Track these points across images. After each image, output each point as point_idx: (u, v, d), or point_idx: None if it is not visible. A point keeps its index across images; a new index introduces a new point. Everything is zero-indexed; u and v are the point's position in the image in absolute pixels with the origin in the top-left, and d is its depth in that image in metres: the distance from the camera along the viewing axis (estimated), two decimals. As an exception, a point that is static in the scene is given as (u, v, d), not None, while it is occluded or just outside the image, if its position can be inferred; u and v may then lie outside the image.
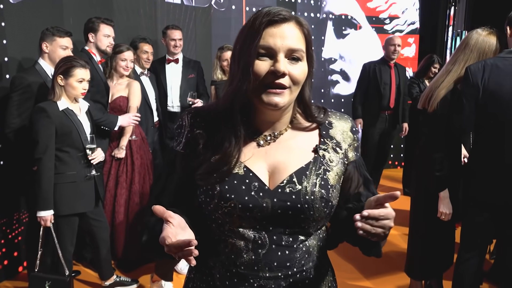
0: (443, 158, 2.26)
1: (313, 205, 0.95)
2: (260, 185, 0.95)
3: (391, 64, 4.44)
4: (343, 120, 1.07)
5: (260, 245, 0.96)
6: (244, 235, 0.96)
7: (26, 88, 2.58)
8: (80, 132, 2.47)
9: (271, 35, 0.91)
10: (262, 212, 0.94)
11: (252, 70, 0.91)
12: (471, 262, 2.29)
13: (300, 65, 0.93)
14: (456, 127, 2.22)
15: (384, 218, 0.84)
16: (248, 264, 0.97)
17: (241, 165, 0.97)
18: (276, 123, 1.01)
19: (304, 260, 1.00)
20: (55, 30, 2.64)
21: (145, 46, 3.48)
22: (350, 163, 1.04)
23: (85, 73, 2.45)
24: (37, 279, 2.40)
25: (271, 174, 0.98)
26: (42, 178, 2.36)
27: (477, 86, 2.10)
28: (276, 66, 0.90)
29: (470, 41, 2.27)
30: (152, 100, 3.55)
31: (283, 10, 0.93)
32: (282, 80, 0.91)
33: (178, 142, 1.02)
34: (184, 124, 1.02)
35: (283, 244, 0.97)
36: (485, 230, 2.23)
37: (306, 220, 0.96)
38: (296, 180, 0.96)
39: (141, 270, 3.17)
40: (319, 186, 0.96)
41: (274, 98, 0.91)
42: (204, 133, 0.99)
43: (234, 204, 0.93)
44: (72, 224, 2.54)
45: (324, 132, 1.03)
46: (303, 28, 0.95)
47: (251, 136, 1.00)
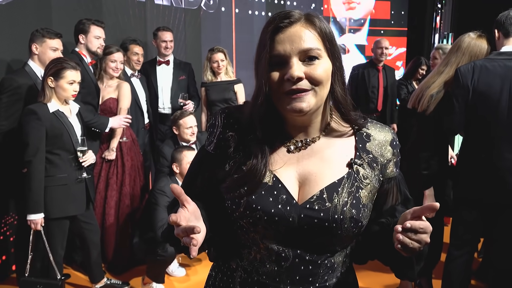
0: (430, 157, 2.31)
1: (342, 224, 0.90)
2: (288, 198, 0.92)
3: (379, 67, 4.50)
4: (383, 133, 0.99)
5: (283, 258, 0.93)
6: (268, 246, 0.94)
7: (15, 90, 2.55)
8: (71, 134, 2.45)
9: (280, 42, 0.88)
10: (288, 226, 0.91)
11: (267, 83, 0.88)
12: (461, 260, 2.33)
13: (320, 63, 0.88)
14: (446, 127, 2.26)
15: (422, 232, 0.80)
16: (270, 274, 0.95)
17: (271, 174, 0.93)
18: (308, 128, 0.96)
19: (328, 276, 0.97)
20: (45, 32, 2.62)
21: (135, 48, 3.47)
22: (389, 180, 0.98)
23: (76, 75, 2.43)
24: (28, 283, 2.36)
25: (301, 185, 0.94)
26: (33, 181, 2.34)
27: (466, 87, 2.14)
28: (289, 72, 0.86)
29: (462, 44, 2.32)
30: (142, 102, 3.53)
31: (291, 12, 0.89)
32: (300, 84, 0.86)
33: (210, 142, 1.00)
34: (217, 124, 0.99)
35: (306, 259, 0.94)
36: (474, 228, 2.27)
37: (332, 238, 0.92)
38: (326, 196, 0.91)
39: (132, 273, 3.16)
40: (350, 205, 0.91)
41: (297, 104, 0.87)
42: (236, 136, 0.96)
43: (259, 215, 0.91)
44: (63, 227, 2.52)
45: (360, 145, 0.96)
46: (314, 26, 0.89)
47: (282, 142, 0.96)
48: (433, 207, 0.79)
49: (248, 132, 0.95)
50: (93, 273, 2.81)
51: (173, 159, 2.85)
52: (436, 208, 0.79)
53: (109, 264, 3.20)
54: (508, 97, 2.06)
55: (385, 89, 4.49)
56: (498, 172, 2.11)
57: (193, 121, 3.17)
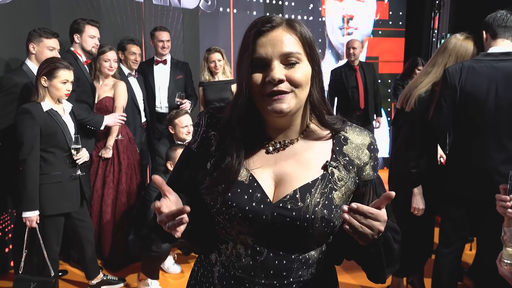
0: (418, 156, 2.34)
1: (313, 224, 0.92)
2: (262, 197, 0.95)
3: (356, 67, 4.63)
4: (362, 136, 1.01)
5: (258, 252, 0.97)
6: (244, 241, 0.97)
7: (12, 88, 2.59)
8: (65, 133, 2.49)
9: (261, 45, 0.90)
10: (262, 224, 0.94)
11: (248, 84, 0.91)
12: (450, 257, 2.36)
13: (299, 67, 0.91)
14: (434, 126, 2.29)
15: (373, 218, 0.82)
16: (245, 269, 0.98)
17: (247, 173, 0.97)
18: (287, 130, 0.98)
19: (302, 271, 0.99)
20: (42, 31, 2.66)
21: (132, 48, 3.51)
22: (365, 182, 1.00)
23: (69, 75, 2.47)
24: (22, 281, 2.39)
25: (277, 185, 0.97)
26: (27, 179, 2.38)
27: (454, 87, 2.17)
28: (271, 75, 0.88)
29: (449, 45, 2.36)
30: (139, 101, 3.58)
31: (272, 17, 0.92)
32: (280, 86, 0.89)
33: (194, 140, 1.04)
34: (201, 123, 1.03)
35: (280, 254, 0.96)
36: (462, 225, 2.30)
37: (305, 237, 0.95)
38: (299, 196, 0.94)
39: (128, 269, 3.20)
40: (322, 206, 0.93)
41: (277, 105, 0.90)
42: (218, 135, 1.00)
43: (235, 212, 0.94)
44: (57, 224, 2.56)
45: (337, 148, 0.99)
46: (295, 31, 0.92)
47: (261, 143, 1.00)
48: (389, 196, 0.82)
49: (229, 132, 0.98)
50: (88, 269, 2.85)
51: (168, 157, 2.89)
52: (391, 196, 0.82)
53: (106, 261, 3.24)
54: (494, 97, 2.09)
55: (364, 87, 4.63)
56: (485, 171, 2.14)
57: (188, 120, 3.21)
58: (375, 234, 0.84)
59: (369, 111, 4.72)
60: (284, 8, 5.40)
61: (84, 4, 3.66)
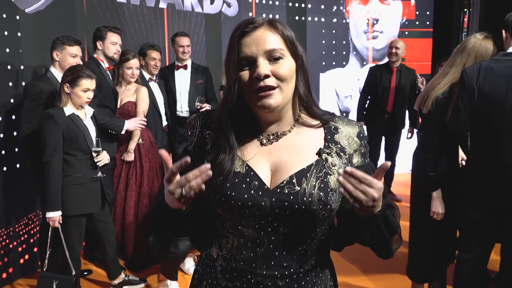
0: (436, 158, 2.28)
1: (311, 207, 0.96)
2: (260, 184, 0.98)
3: (394, 68, 4.44)
4: (350, 126, 1.06)
5: (258, 244, 0.99)
6: (244, 233, 1.00)
7: (37, 94, 2.71)
8: (86, 136, 2.59)
9: (246, 45, 0.96)
10: (261, 211, 0.97)
11: (236, 83, 0.96)
12: (470, 263, 2.28)
13: (283, 62, 0.96)
14: (452, 128, 2.24)
15: (368, 184, 0.86)
16: (246, 260, 1.01)
17: (243, 164, 1.00)
18: (279, 122, 1.03)
19: (302, 262, 1.02)
20: (65, 39, 2.78)
21: (153, 53, 3.59)
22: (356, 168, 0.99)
23: (91, 83, 2.55)
24: (45, 278, 2.50)
25: (273, 173, 1.00)
26: (51, 180, 2.48)
27: (472, 88, 2.11)
28: (257, 71, 0.94)
29: (468, 45, 2.29)
30: (160, 105, 3.66)
31: (254, 19, 0.98)
32: (267, 81, 0.94)
33: (190, 142, 1.08)
34: (196, 125, 1.08)
35: (281, 245, 0.99)
36: (480, 229, 2.22)
37: (303, 221, 0.97)
38: (295, 181, 0.97)
39: (150, 270, 3.26)
40: (318, 189, 0.97)
41: (266, 100, 0.95)
42: (213, 133, 1.04)
43: (234, 201, 0.97)
44: (79, 224, 2.65)
45: (329, 136, 1.04)
46: (276, 29, 0.98)
47: (255, 136, 1.04)
48: (385, 167, 0.86)
49: (222, 128, 1.02)
50: (110, 269, 2.93)
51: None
52: (387, 167, 0.86)
53: (129, 261, 3.32)
54: (514, 97, 2.02)
55: (396, 90, 4.40)
56: (506, 173, 2.07)
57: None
58: (369, 201, 0.87)
59: (396, 118, 4.47)
60: (307, 10, 5.40)
61: (109, 12, 3.79)
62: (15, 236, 3.08)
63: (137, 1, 4.06)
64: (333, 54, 5.64)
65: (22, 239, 3.14)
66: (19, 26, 3.00)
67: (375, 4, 5.78)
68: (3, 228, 2.99)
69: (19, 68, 3.04)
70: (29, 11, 3.06)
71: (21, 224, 3.13)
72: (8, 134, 2.96)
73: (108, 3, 3.80)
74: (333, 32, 5.63)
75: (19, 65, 3.04)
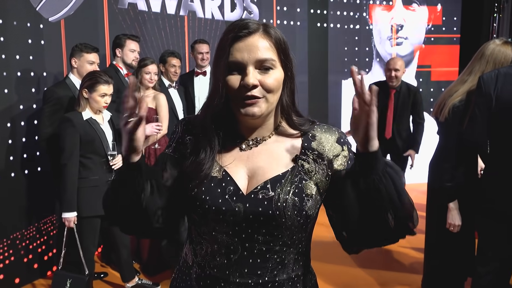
0: (453, 168, 2.20)
1: (285, 212, 0.94)
2: (234, 190, 0.98)
3: (392, 90, 3.85)
4: (328, 133, 1.04)
5: (232, 251, 0.98)
6: (218, 239, 0.98)
7: (56, 100, 2.81)
8: (103, 140, 2.66)
9: (238, 50, 0.95)
10: (234, 216, 0.96)
11: (223, 86, 0.95)
12: (488, 278, 2.18)
13: (273, 73, 0.96)
14: (468, 137, 2.16)
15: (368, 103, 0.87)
16: (220, 268, 0.99)
17: (221, 170, 1.00)
18: (259, 129, 1.03)
19: (277, 271, 1.00)
20: (83, 46, 2.87)
21: (173, 60, 3.65)
22: (339, 172, 1.01)
23: (108, 89, 2.63)
24: (60, 276, 2.58)
25: (250, 179, 1.00)
26: (67, 182, 2.56)
27: (489, 95, 2.04)
28: (245, 80, 0.93)
29: (486, 51, 2.23)
30: (179, 111, 3.71)
31: (249, 23, 0.96)
32: (254, 91, 0.93)
33: (168, 146, 1.08)
34: (177, 130, 1.08)
35: (255, 252, 0.97)
36: (498, 241, 2.12)
37: (278, 227, 0.96)
38: (270, 186, 0.97)
39: (164, 275, 3.29)
40: (292, 194, 0.96)
41: (250, 108, 0.94)
42: (193, 139, 1.04)
43: (208, 206, 0.97)
44: (94, 225, 2.71)
45: (306, 144, 1.03)
46: (270, 37, 0.96)
47: (235, 141, 1.04)
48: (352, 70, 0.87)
49: (204, 131, 1.02)
50: (124, 272, 2.98)
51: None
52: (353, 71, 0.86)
53: (144, 265, 3.37)
54: (532, 104, 1.93)
55: (394, 115, 3.87)
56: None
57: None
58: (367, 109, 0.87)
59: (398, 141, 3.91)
60: (328, 17, 5.36)
61: (130, 20, 3.89)
62: (35, 237, 3.18)
63: (158, 9, 4.16)
64: (355, 61, 5.57)
65: (41, 240, 3.24)
66: (42, 34, 3.12)
67: (399, 10, 5.69)
68: (23, 229, 3.09)
69: (41, 74, 3.16)
70: (52, 20, 3.18)
71: (41, 226, 3.23)
72: (30, 138, 3.08)
73: (129, 11, 3.91)
74: (356, 39, 5.56)
75: (42, 72, 3.15)
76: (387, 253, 3.64)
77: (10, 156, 2.97)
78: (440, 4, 5.76)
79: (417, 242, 3.61)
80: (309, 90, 5.34)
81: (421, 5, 5.73)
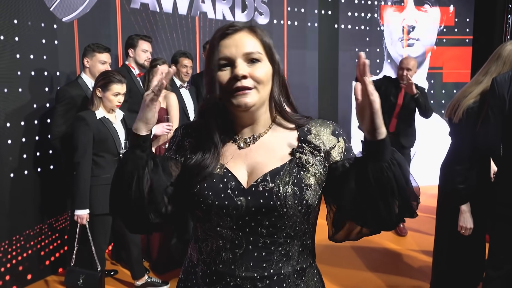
0: (466, 170, 2.18)
1: (286, 202, 0.97)
2: (236, 184, 1.00)
3: (403, 85, 3.91)
4: (323, 126, 1.08)
5: (237, 245, 1.00)
6: (223, 235, 1.00)
7: (69, 99, 2.85)
8: (115, 139, 2.69)
9: (226, 46, 1.00)
10: (237, 210, 0.98)
11: (216, 81, 1.00)
12: (499, 282, 2.16)
13: (261, 65, 1.00)
14: (481, 139, 2.14)
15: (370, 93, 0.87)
16: (225, 263, 1.01)
17: (222, 167, 1.03)
18: (255, 125, 1.06)
19: (282, 263, 1.01)
20: (95, 46, 2.90)
21: (184, 61, 3.67)
22: (336, 163, 1.03)
23: (121, 88, 2.66)
24: (72, 272, 2.63)
25: (250, 174, 1.02)
26: (80, 180, 2.59)
27: (503, 97, 2.02)
28: (235, 71, 0.97)
29: (503, 52, 2.20)
30: (190, 111, 3.72)
31: (235, 23, 1.03)
32: (244, 82, 0.97)
33: (168, 149, 1.11)
34: (177, 135, 1.11)
35: (259, 245, 0.99)
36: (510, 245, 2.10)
37: (280, 218, 0.98)
38: (269, 179, 0.99)
39: (174, 273, 3.31)
40: (292, 184, 0.98)
41: (242, 99, 0.98)
42: (193, 141, 1.07)
43: (211, 201, 0.99)
44: (105, 223, 2.74)
45: (302, 138, 1.06)
46: (256, 34, 1.02)
47: (232, 140, 1.07)
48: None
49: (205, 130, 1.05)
50: (134, 270, 3.00)
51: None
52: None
53: (154, 264, 3.39)
54: (547, 107, 1.91)
55: (401, 110, 3.97)
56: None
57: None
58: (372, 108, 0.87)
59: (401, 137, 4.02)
60: (339, 17, 5.35)
61: (142, 20, 3.92)
62: (47, 234, 3.23)
63: (169, 9, 4.18)
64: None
65: (53, 237, 3.28)
66: (56, 34, 3.16)
67: (411, 11, 5.66)
68: (35, 227, 3.14)
69: (55, 74, 3.20)
70: (66, 20, 3.22)
71: (53, 223, 3.27)
72: (43, 137, 3.12)
73: (142, 11, 3.94)
74: (367, 40, 5.55)
75: (55, 71, 3.20)
76: (396, 256, 3.63)
77: (23, 154, 3.02)
78: (453, 5, 5.71)
79: (426, 245, 3.60)
80: (319, 91, 5.34)
81: (433, 6, 5.69)
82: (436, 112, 5.74)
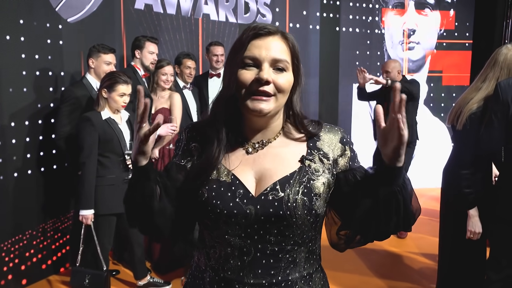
0: (471, 175, 2.20)
1: (295, 212, 0.97)
2: (244, 192, 0.99)
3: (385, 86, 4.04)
4: (332, 133, 1.08)
5: (245, 253, 0.99)
6: (231, 242, 1.00)
7: (74, 100, 2.86)
8: (120, 139, 2.70)
9: (257, 46, 0.98)
10: (246, 219, 0.97)
11: (237, 78, 0.97)
12: (499, 286, 2.18)
13: (285, 75, 0.99)
14: (484, 143, 2.16)
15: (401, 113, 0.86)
16: (234, 270, 1.01)
17: (229, 174, 1.02)
18: (265, 130, 1.05)
19: (290, 270, 1.02)
20: (100, 47, 2.91)
21: (188, 62, 3.69)
22: (344, 171, 1.04)
23: (127, 88, 2.67)
24: (78, 272, 2.65)
25: (258, 181, 1.01)
26: (85, 180, 2.60)
27: (506, 102, 2.04)
28: (260, 74, 0.96)
29: (499, 57, 2.22)
30: (193, 112, 3.74)
31: (269, 25, 1.00)
32: (266, 87, 0.96)
33: (175, 155, 1.09)
34: (182, 138, 1.10)
35: (267, 253, 0.99)
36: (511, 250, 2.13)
37: (289, 227, 0.98)
38: (279, 187, 0.98)
39: (175, 273, 3.32)
40: (302, 194, 0.98)
41: (259, 104, 0.96)
42: (198, 145, 1.06)
43: (220, 210, 0.98)
44: (110, 223, 2.75)
45: (311, 144, 1.05)
46: (288, 42, 1.00)
47: (240, 144, 1.05)
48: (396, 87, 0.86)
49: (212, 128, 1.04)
50: (136, 270, 3.01)
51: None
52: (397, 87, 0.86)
53: (155, 264, 3.40)
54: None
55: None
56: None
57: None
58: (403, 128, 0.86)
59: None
60: (341, 20, 5.38)
61: (146, 21, 3.93)
62: (50, 234, 3.23)
63: (173, 11, 4.20)
64: (367, 65, 5.57)
65: (56, 237, 3.29)
66: (61, 34, 3.17)
67: (412, 14, 5.70)
68: (38, 226, 3.14)
69: (59, 74, 3.21)
70: (71, 21, 3.23)
71: (56, 223, 3.27)
72: (47, 136, 3.13)
73: (145, 13, 3.96)
74: (368, 43, 5.58)
75: (60, 71, 3.21)
76: (396, 258, 3.65)
77: (27, 153, 3.03)
78: (453, 10, 5.75)
79: (427, 248, 3.63)
80: (320, 93, 5.36)
81: (434, 10, 5.73)
82: (435, 115, 5.81)
